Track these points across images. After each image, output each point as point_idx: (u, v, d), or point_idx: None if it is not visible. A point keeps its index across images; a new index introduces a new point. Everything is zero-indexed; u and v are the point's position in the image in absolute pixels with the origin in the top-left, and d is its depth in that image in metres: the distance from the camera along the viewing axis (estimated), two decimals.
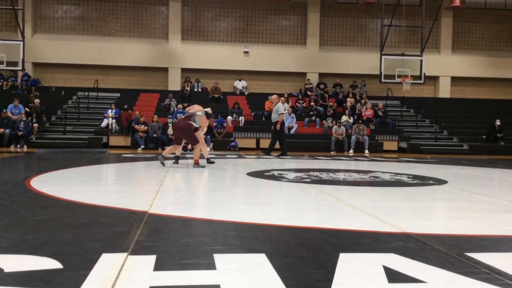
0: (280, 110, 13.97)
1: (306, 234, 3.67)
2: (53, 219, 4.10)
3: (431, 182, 7.77)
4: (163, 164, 9.42)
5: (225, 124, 18.66)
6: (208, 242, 3.31)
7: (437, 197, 6.22)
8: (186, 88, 21.67)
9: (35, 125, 17.06)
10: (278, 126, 13.85)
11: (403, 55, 19.91)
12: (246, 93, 22.77)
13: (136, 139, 17.40)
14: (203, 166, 9.41)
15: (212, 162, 10.31)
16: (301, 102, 21.21)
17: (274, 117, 14.21)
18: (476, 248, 3.29)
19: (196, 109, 9.73)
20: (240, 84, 23.08)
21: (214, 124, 18.44)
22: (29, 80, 21.47)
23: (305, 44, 24.01)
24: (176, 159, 10.22)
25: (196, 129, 9.68)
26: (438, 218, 4.91)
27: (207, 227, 3.85)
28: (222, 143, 17.79)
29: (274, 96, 14.60)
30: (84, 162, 10.69)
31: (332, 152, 17.46)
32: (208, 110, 9.88)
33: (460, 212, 4.98)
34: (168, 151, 9.89)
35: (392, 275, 2.60)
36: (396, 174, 9.08)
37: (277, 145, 14.45)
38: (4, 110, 16.77)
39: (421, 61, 19.75)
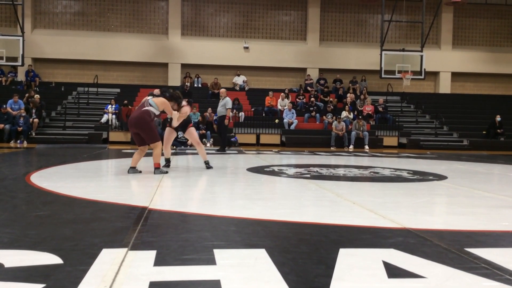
0: (229, 105, 13.42)
1: (306, 230, 3.67)
2: (53, 214, 4.11)
3: (431, 177, 7.77)
4: (135, 171, 7.37)
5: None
6: (208, 238, 3.31)
7: (437, 193, 6.22)
8: (186, 83, 21.65)
9: (36, 120, 17.05)
10: (226, 121, 13.34)
11: (403, 50, 19.88)
12: (247, 88, 22.72)
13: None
14: (166, 172, 7.41)
15: (210, 167, 8.43)
16: (301, 98, 21.20)
17: (220, 110, 13.46)
18: (475, 243, 3.30)
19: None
20: (239, 79, 23.05)
21: (215, 118, 18.38)
22: (28, 76, 21.45)
23: (305, 39, 23.97)
24: (167, 162, 8.39)
25: (162, 118, 7.61)
26: (438, 213, 4.91)
27: (207, 222, 3.86)
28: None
29: (223, 90, 13.89)
30: (84, 157, 10.69)
31: (332, 148, 17.47)
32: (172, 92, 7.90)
33: (460, 207, 4.98)
34: (134, 160, 7.43)
35: (392, 271, 2.61)
36: (396, 169, 9.08)
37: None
38: (4, 106, 16.76)
39: (422, 56, 19.72)
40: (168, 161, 8.40)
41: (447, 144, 19.01)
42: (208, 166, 8.39)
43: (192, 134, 8.55)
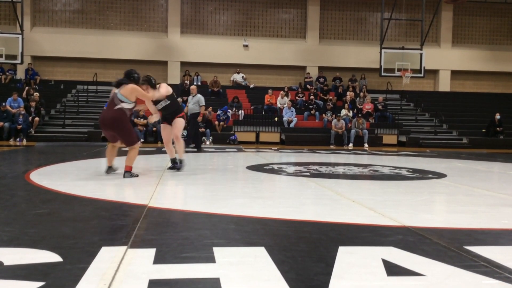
0: (202, 102, 12.95)
1: (305, 228, 3.68)
2: (52, 212, 4.11)
3: (430, 176, 7.78)
4: (112, 171, 6.80)
5: (229, 115, 18.61)
6: (207, 236, 3.31)
7: (436, 191, 6.22)
8: (186, 81, 21.64)
9: (36, 118, 17.04)
10: (200, 118, 12.89)
11: (403, 48, 19.87)
12: (250, 86, 22.64)
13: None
14: (137, 175, 6.52)
15: (177, 169, 7.29)
16: (300, 96, 21.19)
17: (192, 108, 12.82)
18: (475, 241, 3.30)
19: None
20: (238, 77, 23.04)
21: (218, 112, 18.42)
22: (28, 74, 21.43)
23: (305, 37, 23.95)
24: (173, 163, 7.47)
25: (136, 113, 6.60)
26: (438, 211, 4.91)
27: (206, 220, 3.86)
28: (222, 137, 17.79)
29: (193, 87, 13.37)
30: (83, 155, 10.69)
31: (331, 146, 17.46)
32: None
33: (460, 205, 4.99)
34: (109, 158, 6.78)
35: (392, 268, 2.61)
36: (396, 168, 9.08)
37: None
38: (3, 104, 16.75)
39: (421, 54, 19.72)
40: (173, 161, 7.42)
41: (446, 142, 19.02)
42: (176, 166, 7.25)
43: (177, 125, 7.28)
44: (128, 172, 6.46)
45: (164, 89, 6.98)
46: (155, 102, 7.17)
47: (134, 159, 6.57)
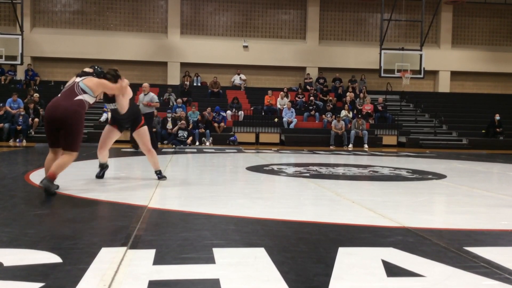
0: (155, 99, 12.53)
1: (305, 229, 3.68)
2: (52, 213, 4.11)
3: (430, 176, 7.78)
4: (51, 190, 4.97)
5: (223, 114, 18.61)
6: (207, 237, 3.31)
7: (436, 192, 6.22)
8: (186, 82, 21.63)
9: (36, 120, 17.03)
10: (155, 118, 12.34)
11: (402, 49, 19.88)
12: (242, 88, 22.63)
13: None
14: (57, 187, 5.20)
15: (163, 178, 6.43)
16: (300, 97, 21.19)
17: (145, 108, 12.14)
18: (475, 242, 3.30)
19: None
20: (237, 78, 23.04)
21: (213, 114, 18.40)
22: (28, 75, 21.44)
23: (305, 38, 23.96)
24: (102, 167, 6.44)
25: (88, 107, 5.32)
26: (437, 212, 4.91)
27: (206, 221, 3.86)
28: (222, 138, 17.78)
29: (146, 84, 12.66)
30: (83, 156, 10.68)
31: (331, 147, 17.47)
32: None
33: (459, 206, 4.99)
34: (55, 168, 5.05)
35: (391, 269, 2.61)
36: (395, 168, 9.08)
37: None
38: (1, 104, 16.74)
39: (421, 55, 19.72)
40: (103, 166, 6.40)
41: (446, 143, 19.02)
42: (160, 176, 6.44)
43: (142, 136, 6.28)
44: (49, 180, 4.90)
45: (125, 84, 5.72)
46: (111, 100, 5.92)
47: (64, 168, 5.10)
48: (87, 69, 5.61)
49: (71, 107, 5.05)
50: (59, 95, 5.29)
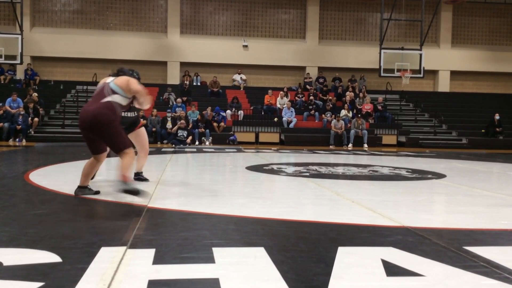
0: None
1: (305, 228, 3.68)
2: (52, 213, 4.11)
3: (430, 176, 7.78)
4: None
5: (223, 114, 18.61)
6: (207, 236, 3.31)
7: (436, 191, 6.23)
8: (185, 82, 21.63)
9: (36, 119, 17.02)
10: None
11: (402, 49, 19.87)
12: (241, 87, 22.61)
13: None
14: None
15: (145, 179, 6.21)
16: (300, 96, 21.18)
17: None
18: (474, 241, 3.30)
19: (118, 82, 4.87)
20: (237, 78, 23.03)
21: (213, 114, 18.39)
22: (27, 74, 21.43)
23: (305, 38, 23.95)
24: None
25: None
26: (437, 212, 4.91)
27: (206, 221, 3.86)
28: (221, 137, 17.78)
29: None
30: (83, 156, 10.68)
31: (331, 146, 17.47)
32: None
33: (459, 206, 4.99)
34: (85, 175, 5.02)
35: (391, 269, 2.61)
36: (395, 168, 9.08)
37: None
38: (1, 104, 16.73)
39: (421, 55, 19.72)
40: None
41: (446, 143, 19.02)
42: (141, 178, 6.22)
43: (141, 137, 6.26)
44: (126, 183, 4.57)
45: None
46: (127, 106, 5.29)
47: (129, 167, 4.73)
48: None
49: (97, 110, 4.69)
50: (91, 100, 4.93)
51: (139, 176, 6.22)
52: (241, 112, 19.46)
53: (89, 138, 4.85)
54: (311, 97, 20.47)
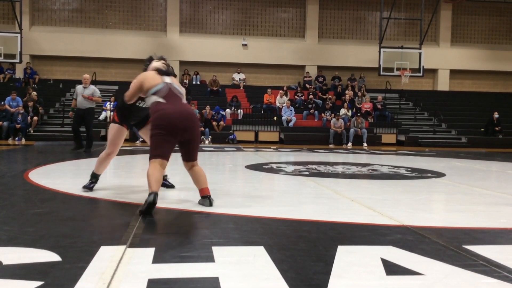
0: (98, 93, 11.58)
1: (304, 227, 3.68)
2: (51, 211, 4.10)
3: (429, 175, 7.78)
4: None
5: (223, 113, 18.61)
6: (207, 235, 3.31)
7: (435, 190, 6.23)
8: (185, 80, 21.63)
9: (35, 118, 17.01)
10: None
11: (402, 48, 19.87)
12: (241, 86, 22.61)
13: (135, 132, 17.30)
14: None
15: (168, 185, 5.76)
16: (299, 95, 21.19)
17: (84, 101, 11.44)
18: (474, 240, 3.30)
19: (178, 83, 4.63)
20: (237, 77, 23.03)
21: (212, 113, 18.39)
22: (26, 73, 21.41)
23: (304, 36, 23.94)
24: (95, 180, 5.36)
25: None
26: (436, 210, 4.92)
27: (206, 220, 3.86)
28: (221, 136, 17.78)
29: (87, 76, 11.54)
30: (82, 155, 10.68)
31: (330, 145, 17.47)
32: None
33: (458, 205, 4.99)
34: (156, 181, 4.14)
35: (390, 268, 2.61)
36: (395, 167, 9.09)
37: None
38: (2, 102, 16.72)
39: (420, 54, 19.72)
40: (96, 178, 5.38)
41: (445, 142, 19.03)
42: (167, 184, 5.77)
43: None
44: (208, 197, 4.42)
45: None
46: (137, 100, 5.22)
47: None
48: (158, 64, 4.87)
49: (191, 110, 4.49)
50: (171, 100, 4.34)
51: (164, 181, 5.60)
52: (240, 111, 19.46)
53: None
54: (311, 96, 20.48)
